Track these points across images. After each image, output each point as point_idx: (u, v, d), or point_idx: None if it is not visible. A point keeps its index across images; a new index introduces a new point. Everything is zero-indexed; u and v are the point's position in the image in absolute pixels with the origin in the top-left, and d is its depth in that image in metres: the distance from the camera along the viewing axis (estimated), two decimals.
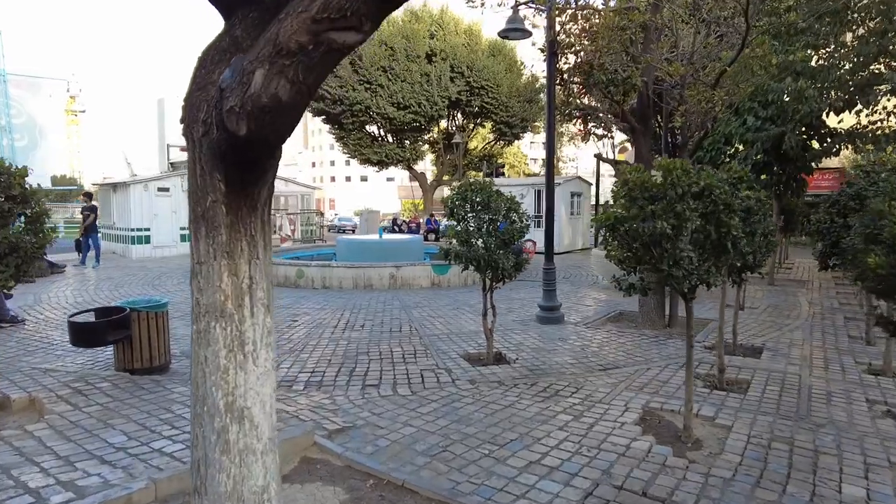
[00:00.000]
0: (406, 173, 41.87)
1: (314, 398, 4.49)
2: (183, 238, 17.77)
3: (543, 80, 8.23)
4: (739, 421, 4.00)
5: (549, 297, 7.38)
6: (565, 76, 7.79)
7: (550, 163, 7.23)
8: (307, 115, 70.78)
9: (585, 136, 7.93)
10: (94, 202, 13.89)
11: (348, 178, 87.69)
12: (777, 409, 4.27)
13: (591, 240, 21.57)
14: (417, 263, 11.03)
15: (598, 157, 7.59)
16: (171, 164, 20.31)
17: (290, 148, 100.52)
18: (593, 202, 22.64)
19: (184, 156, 21.39)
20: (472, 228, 5.32)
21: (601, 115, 7.08)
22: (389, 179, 77.48)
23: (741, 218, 3.88)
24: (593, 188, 22.51)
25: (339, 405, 4.34)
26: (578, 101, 7.35)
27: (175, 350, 5.78)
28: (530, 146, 70.61)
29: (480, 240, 5.27)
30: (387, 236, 14.02)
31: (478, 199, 5.26)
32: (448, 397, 4.51)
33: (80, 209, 14.38)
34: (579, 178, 21.31)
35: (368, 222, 23.41)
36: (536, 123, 30.70)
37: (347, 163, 76.12)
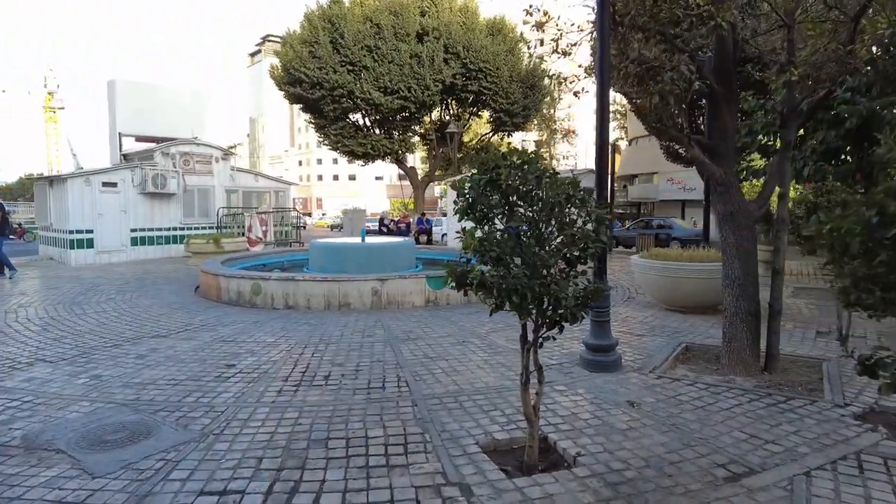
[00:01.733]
0: (396, 172, 39.42)
1: None
2: (134, 241, 15.28)
3: (570, 38, 5.93)
4: None
5: (600, 333, 5.07)
6: (618, 17, 5.49)
7: (604, 134, 4.93)
8: (293, 110, 68.08)
9: (644, 107, 5.59)
10: None
11: (336, 177, 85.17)
12: None
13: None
14: (408, 275, 8.69)
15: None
16: (124, 155, 17.74)
17: (275, 145, 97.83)
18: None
19: (139, 146, 18.81)
20: (500, 236, 3.01)
21: (680, 67, 4.79)
22: (378, 178, 75.24)
23: None
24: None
25: None
26: (643, 51, 5.05)
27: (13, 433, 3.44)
28: (521, 145, 68.52)
29: (519, 258, 2.97)
30: (371, 239, 11.63)
31: (517, 181, 2.94)
32: None
33: None
34: (591, 171, 19.10)
35: (353, 222, 21.05)
36: (534, 120, 28.43)
37: (335, 161, 73.62)
